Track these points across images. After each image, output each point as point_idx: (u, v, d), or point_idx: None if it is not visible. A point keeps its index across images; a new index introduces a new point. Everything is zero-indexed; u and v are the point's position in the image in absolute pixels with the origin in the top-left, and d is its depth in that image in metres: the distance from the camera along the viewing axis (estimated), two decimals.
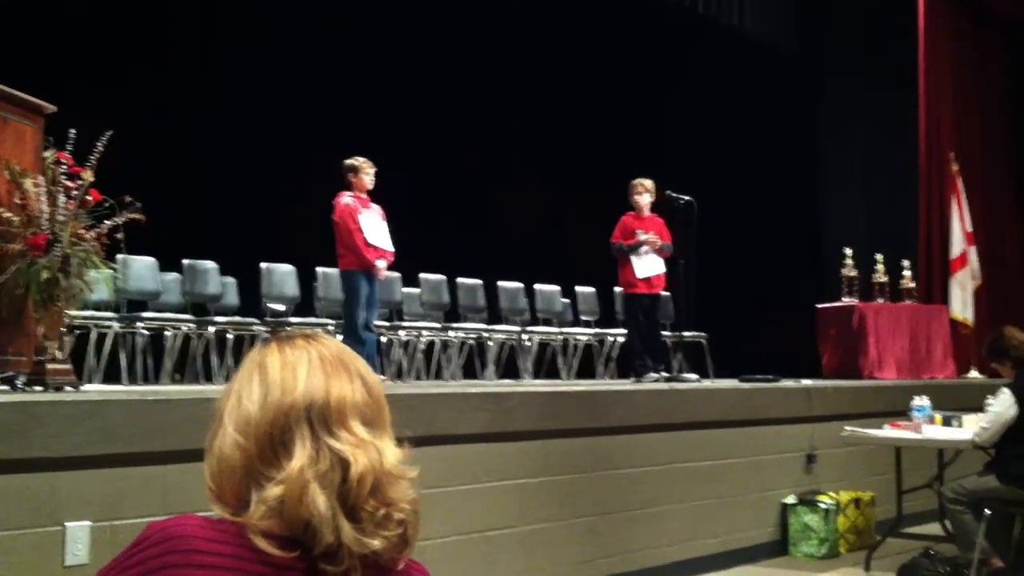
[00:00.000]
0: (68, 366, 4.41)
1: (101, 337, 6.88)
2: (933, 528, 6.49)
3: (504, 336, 9.05)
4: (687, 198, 7.87)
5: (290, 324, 7.56)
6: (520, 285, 9.50)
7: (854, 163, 12.97)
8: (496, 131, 10.46)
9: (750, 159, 11.73)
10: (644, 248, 7.71)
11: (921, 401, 6.42)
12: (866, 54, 12.54)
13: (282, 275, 8.02)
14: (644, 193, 7.87)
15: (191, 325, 7.42)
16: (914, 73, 11.92)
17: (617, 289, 9.46)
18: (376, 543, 1.23)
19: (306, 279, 8.11)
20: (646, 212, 7.90)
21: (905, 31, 11.91)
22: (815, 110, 13.15)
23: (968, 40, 12.45)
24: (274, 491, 1.22)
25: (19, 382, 4.26)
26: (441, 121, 9.98)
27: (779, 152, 12.22)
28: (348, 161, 6.99)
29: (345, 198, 6.89)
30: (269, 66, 8.98)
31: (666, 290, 8.31)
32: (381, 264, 6.90)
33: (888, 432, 6.49)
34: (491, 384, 7.84)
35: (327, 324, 7.72)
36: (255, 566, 1.20)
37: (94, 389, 5.27)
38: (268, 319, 7.71)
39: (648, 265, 7.74)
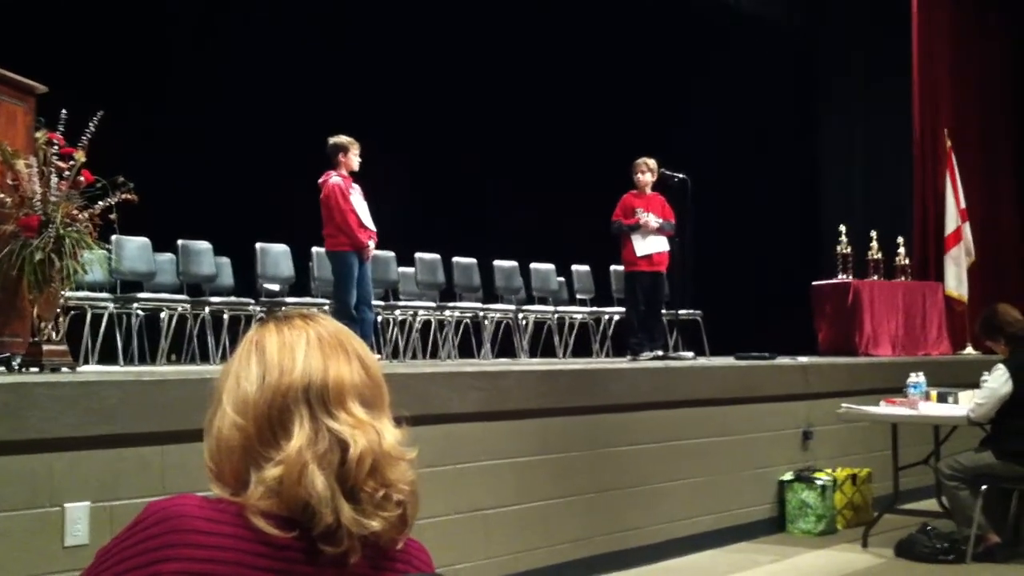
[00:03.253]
0: (64, 347, 4.40)
1: (96, 318, 6.87)
2: (930, 504, 6.52)
3: (500, 315, 9.04)
4: (681, 175, 7.87)
5: (285, 304, 7.55)
6: (515, 264, 9.48)
7: (852, 141, 12.94)
8: (491, 111, 10.41)
9: (747, 137, 11.70)
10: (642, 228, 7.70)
11: (917, 378, 6.42)
12: (864, 31, 12.49)
13: (276, 255, 8.00)
14: (646, 172, 7.86)
15: (186, 306, 7.40)
16: (911, 50, 11.87)
17: (614, 267, 9.46)
18: (375, 524, 1.23)
19: (301, 259, 8.09)
20: (647, 190, 7.89)
21: (903, 7, 11.85)
22: (812, 88, 13.11)
23: (967, 14, 12.38)
24: (273, 472, 1.22)
25: (15, 363, 4.25)
26: (438, 101, 9.93)
27: (776, 130, 12.19)
28: (336, 140, 6.88)
29: (334, 178, 6.82)
30: (264, 47, 8.92)
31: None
32: (371, 244, 6.89)
33: (884, 409, 6.50)
34: (487, 363, 7.84)
35: (322, 304, 7.70)
36: (254, 546, 1.20)
37: (90, 370, 5.25)
38: (263, 299, 7.70)
39: (649, 243, 7.73)
